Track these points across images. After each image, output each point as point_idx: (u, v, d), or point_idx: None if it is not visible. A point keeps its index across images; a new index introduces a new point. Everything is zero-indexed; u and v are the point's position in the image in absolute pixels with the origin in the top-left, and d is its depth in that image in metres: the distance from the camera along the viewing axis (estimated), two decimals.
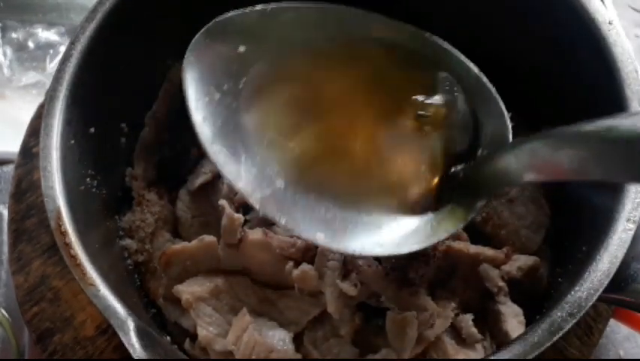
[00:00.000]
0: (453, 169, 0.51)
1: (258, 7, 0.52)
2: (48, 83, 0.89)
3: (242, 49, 0.51)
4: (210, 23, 0.51)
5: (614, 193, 0.48)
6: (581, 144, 0.39)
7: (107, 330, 0.58)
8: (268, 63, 0.52)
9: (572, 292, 0.45)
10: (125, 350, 0.41)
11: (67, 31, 0.95)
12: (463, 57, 0.55)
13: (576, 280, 0.45)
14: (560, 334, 0.43)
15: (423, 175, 0.51)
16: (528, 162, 0.43)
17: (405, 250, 0.48)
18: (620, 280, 0.47)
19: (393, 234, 0.49)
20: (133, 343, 0.42)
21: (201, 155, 0.63)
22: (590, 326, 0.60)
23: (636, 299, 0.48)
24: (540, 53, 0.61)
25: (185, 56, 0.49)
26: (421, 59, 0.55)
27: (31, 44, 0.94)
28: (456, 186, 0.50)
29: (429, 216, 0.49)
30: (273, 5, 0.52)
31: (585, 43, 0.54)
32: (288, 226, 0.46)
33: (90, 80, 0.53)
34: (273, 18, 0.52)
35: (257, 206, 0.46)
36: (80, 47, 0.52)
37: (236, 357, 0.51)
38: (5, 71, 0.91)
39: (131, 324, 0.43)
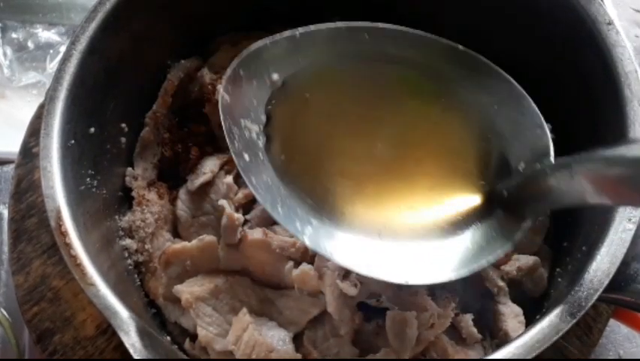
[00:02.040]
0: (496, 186, 0.49)
1: (287, 32, 0.52)
2: (48, 83, 0.89)
3: (275, 77, 0.51)
4: (242, 54, 0.50)
5: None
6: None
7: (107, 330, 0.58)
8: (303, 89, 0.52)
9: (572, 292, 0.45)
10: (125, 350, 0.41)
11: (67, 32, 0.95)
12: (497, 68, 0.54)
13: (576, 280, 0.46)
14: (560, 334, 0.43)
15: (466, 196, 0.50)
16: (591, 181, 0.39)
17: (453, 275, 0.47)
18: (620, 279, 0.47)
19: (440, 260, 0.47)
20: (133, 343, 0.42)
21: (201, 155, 0.63)
22: (590, 325, 0.60)
23: (636, 299, 0.48)
24: (540, 54, 0.61)
25: (221, 92, 0.49)
26: (457, 72, 0.54)
27: (31, 44, 0.94)
28: (500, 205, 0.49)
29: (475, 239, 0.48)
30: (301, 30, 0.52)
31: (585, 44, 0.54)
32: (340, 262, 0.46)
33: (90, 80, 0.53)
34: (303, 42, 0.52)
35: (307, 243, 0.46)
36: (80, 47, 0.52)
37: (237, 357, 0.51)
38: (5, 71, 0.91)
39: (131, 324, 0.43)
